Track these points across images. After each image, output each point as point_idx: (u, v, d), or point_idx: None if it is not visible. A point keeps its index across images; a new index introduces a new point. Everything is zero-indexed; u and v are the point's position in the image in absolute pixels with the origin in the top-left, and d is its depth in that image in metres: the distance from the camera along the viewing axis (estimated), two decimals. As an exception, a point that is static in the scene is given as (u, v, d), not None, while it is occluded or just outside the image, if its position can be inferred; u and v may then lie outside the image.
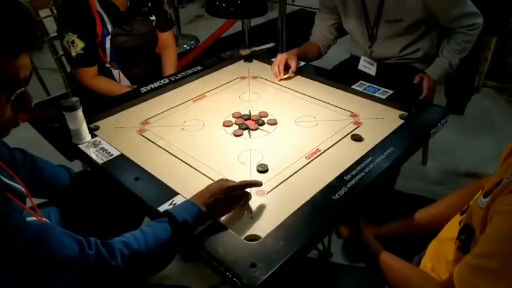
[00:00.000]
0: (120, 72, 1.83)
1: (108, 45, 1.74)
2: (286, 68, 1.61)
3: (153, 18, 1.85)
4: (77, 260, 0.74)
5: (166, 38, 1.96)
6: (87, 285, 0.76)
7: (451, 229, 0.94)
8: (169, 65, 1.92)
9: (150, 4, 1.83)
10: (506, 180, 0.76)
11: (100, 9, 1.69)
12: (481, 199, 0.81)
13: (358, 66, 1.88)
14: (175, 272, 1.74)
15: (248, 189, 1.01)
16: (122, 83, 1.83)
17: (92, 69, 1.74)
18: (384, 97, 1.43)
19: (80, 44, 1.66)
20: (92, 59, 1.73)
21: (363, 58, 1.88)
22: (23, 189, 0.87)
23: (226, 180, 0.99)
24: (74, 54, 1.67)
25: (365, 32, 1.80)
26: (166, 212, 0.89)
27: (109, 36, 1.72)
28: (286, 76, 1.59)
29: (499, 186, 0.76)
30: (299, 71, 1.64)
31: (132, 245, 0.81)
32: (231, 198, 0.95)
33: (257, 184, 1.02)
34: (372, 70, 1.85)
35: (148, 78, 1.68)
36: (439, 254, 0.94)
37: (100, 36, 1.71)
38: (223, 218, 0.96)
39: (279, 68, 1.59)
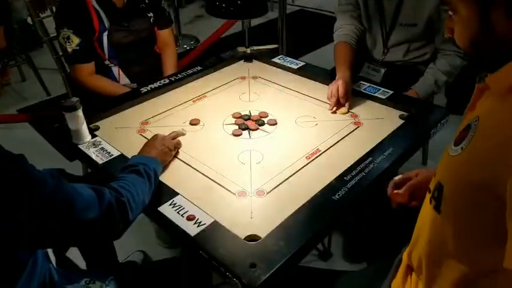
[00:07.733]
0: (120, 69, 1.83)
1: (105, 41, 1.73)
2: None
3: (150, 15, 1.85)
4: (97, 198, 0.83)
5: (165, 36, 1.94)
6: (109, 218, 0.85)
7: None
8: (170, 64, 1.91)
9: (147, 1, 1.83)
10: (475, 122, 0.71)
11: (96, 6, 1.69)
12: (452, 147, 0.77)
13: (359, 72, 1.87)
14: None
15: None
16: (121, 81, 1.83)
17: (87, 65, 1.73)
18: (383, 97, 1.43)
19: (76, 40, 1.66)
20: (88, 55, 1.72)
21: (366, 65, 1.87)
22: None
23: (158, 134, 1.18)
24: (69, 50, 1.68)
25: (379, 35, 1.78)
26: (135, 163, 1.02)
27: (106, 32, 1.72)
28: (342, 111, 1.39)
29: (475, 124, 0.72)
30: (299, 71, 1.64)
31: (130, 188, 0.93)
32: (166, 146, 1.14)
33: (181, 133, 1.24)
34: (376, 77, 1.83)
35: (148, 76, 1.67)
36: (422, 221, 0.86)
37: (97, 32, 1.71)
38: (223, 218, 0.96)
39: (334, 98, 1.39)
